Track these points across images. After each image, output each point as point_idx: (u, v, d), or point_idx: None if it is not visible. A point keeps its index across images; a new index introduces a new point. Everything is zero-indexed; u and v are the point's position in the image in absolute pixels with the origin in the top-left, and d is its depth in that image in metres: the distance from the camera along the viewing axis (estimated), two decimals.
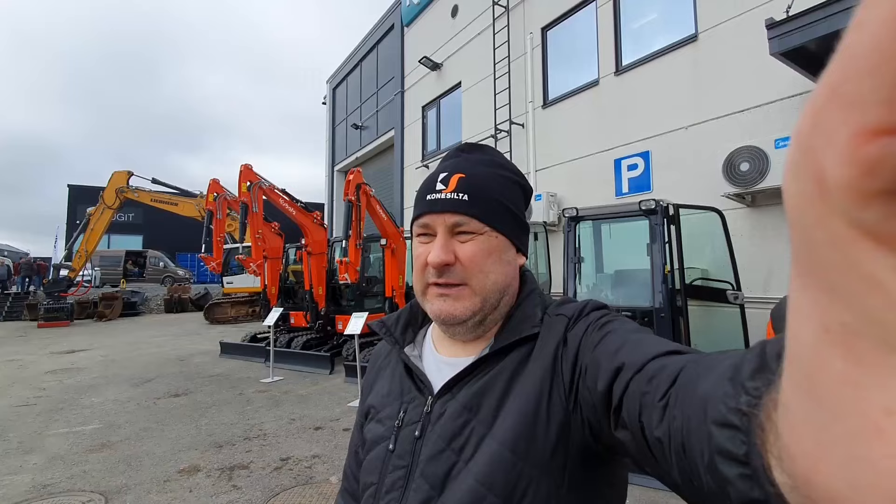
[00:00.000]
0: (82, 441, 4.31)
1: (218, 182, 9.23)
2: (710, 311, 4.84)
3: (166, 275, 22.75)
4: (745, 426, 0.29)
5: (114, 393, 6.07)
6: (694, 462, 0.36)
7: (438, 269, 0.66)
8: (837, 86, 0.11)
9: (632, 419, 0.46)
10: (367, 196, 7.04)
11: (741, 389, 0.30)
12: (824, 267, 0.12)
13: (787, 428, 0.17)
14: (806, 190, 0.12)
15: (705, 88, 6.00)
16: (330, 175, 18.49)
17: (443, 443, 0.63)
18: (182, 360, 8.37)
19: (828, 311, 0.13)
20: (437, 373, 0.71)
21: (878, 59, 0.10)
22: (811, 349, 0.14)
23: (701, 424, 0.34)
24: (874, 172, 0.11)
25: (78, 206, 27.07)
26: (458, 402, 0.65)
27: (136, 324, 14.72)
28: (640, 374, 0.47)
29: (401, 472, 0.66)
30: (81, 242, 14.46)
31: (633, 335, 0.56)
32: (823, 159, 0.12)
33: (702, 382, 0.37)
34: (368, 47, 15.75)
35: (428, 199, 0.69)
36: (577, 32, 8.17)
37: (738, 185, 5.02)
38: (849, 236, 0.11)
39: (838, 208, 0.11)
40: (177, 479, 3.50)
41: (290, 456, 3.90)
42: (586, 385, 0.56)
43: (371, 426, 0.74)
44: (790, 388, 0.16)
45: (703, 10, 6.09)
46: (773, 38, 4.09)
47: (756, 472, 0.27)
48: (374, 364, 0.85)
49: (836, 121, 0.11)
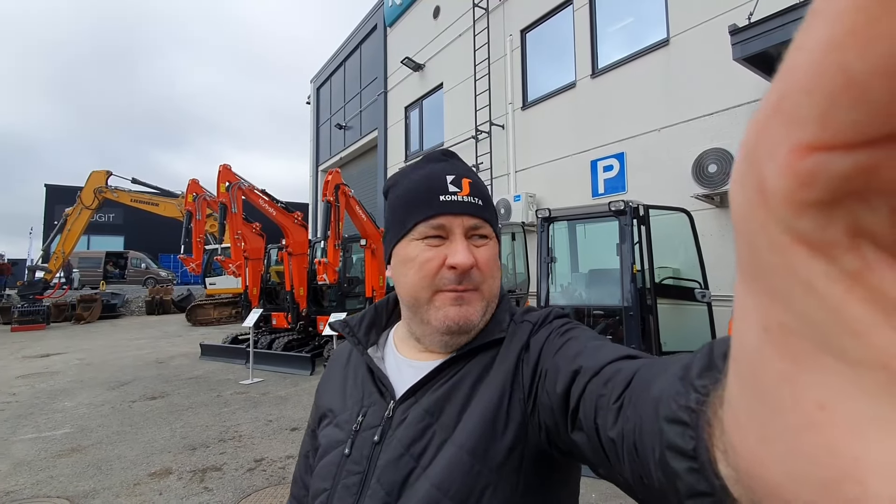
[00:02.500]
0: (51, 446, 4.26)
1: (197, 182, 9.14)
2: (679, 309, 4.97)
3: (148, 276, 22.42)
4: (694, 422, 0.30)
5: (88, 397, 5.99)
6: (646, 460, 0.37)
7: (465, 272, 0.65)
8: (778, 103, 0.12)
9: (587, 421, 0.48)
10: (345, 196, 7.05)
11: (690, 387, 0.31)
12: (765, 271, 0.13)
13: (732, 423, 0.18)
14: (749, 198, 0.13)
15: (676, 91, 6.13)
16: (314, 175, 18.40)
17: (402, 448, 0.62)
18: (161, 363, 8.28)
19: (768, 312, 0.13)
20: (399, 376, 0.70)
21: (814, 79, 0.11)
22: (753, 348, 0.14)
23: (653, 423, 0.35)
24: (809, 185, 0.11)
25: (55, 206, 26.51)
26: (421, 406, 0.64)
27: (116, 326, 14.49)
28: (597, 378, 0.49)
29: (356, 478, 0.64)
30: (58, 243, 14.19)
31: (592, 342, 0.57)
32: (765, 170, 0.12)
33: (655, 384, 0.38)
34: (352, 47, 15.71)
35: (441, 199, 0.66)
36: (555, 35, 8.28)
37: (707, 187, 5.15)
38: (786, 242, 0.12)
39: (777, 216, 0.12)
40: (147, 482, 3.49)
41: (264, 457, 3.91)
42: (545, 389, 0.57)
43: (328, 430, 0.73)
44: (734, 385, 0.17)
45: (675, 15, 6.23)
46: (736, 43, 4.21)
47: (703, 466, 0.29)
48: (333, 366, 0.83)
49: (777, 135, 0.12)
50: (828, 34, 0.11)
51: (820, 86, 0.11)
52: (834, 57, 0.10)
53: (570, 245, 5.66)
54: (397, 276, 0.71)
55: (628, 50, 6.94)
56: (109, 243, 27.65)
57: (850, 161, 0.11)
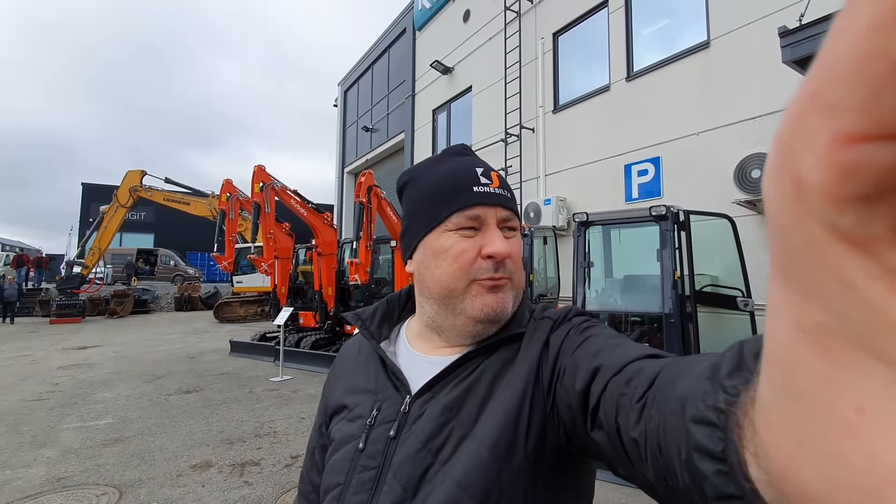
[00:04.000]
0: (95, 435, 4.39)
1: (231, 182, 9.35)
2: (719, 318, 4.84)
3: (177, 273, 23.00)
4: (723, 423, 0.29)
5: (126, 389, 6.16)
6: (670, 461, 0.36)
7: (501, 262, 0.65)
8: (817, 91, 0.12)
9: (608, 420, 0.47)
10: (377, 198, 7.11)
11: (719, 388, 0.30)
12: (801, 268, 0.13)
13: (764, 425, 0.17)
14: (785, 192, 0.13)
15: (717, 95, 5.99)
16: (340, 177, 18.62)
17: (419, 443, 0.61)
18: (192, 358, 8.47)
19: (804, 311, 0.13)
20: (414, 371, 0.69)
21: (856, 66, 0.10)
22: (788, 348, 0.14)
23: (679, 423, 0.34)
24: (849, 178, 0.11)
25: (91, 204, 27.48)
26: (440, 402, 0.63)
27: (147, 321, 14.90)
28: (619, 376, 0.48)
29: (371, 473, 0.63)
30: (95, 240, 14.68)
31: (613, 340, 0.56)
32: (802, 163, 0.12)
33: (680, 383, 0.37)
34: (380, 51, 15.88)
35: (476, 190, 0.66)
36: (588, 38, 8.20)
37: (750, 193, 5.01)
38: (824, 239, 0.12)
39: (815, 211, 0.12)
40: (189, 473, 3.56)
41: (300, 454, 3.95)
42: (563, 386, 0.56)
43: (340, 425, 0.71)
44: (767, 385, 0.17)
45: (716, 17, 6.10)
46: (786, 46, 4.09)
47: (732, 469, 0.28)
48: (342, 361, 0.81)
49: (815, 125, 0.11)
50: (871, 18, 0.10)
51: (863, 72, 0.10)
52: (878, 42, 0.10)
53: (604, 250, 5.58)
54: (427, 269, 0.69)
55: (665, 53, 6.82)
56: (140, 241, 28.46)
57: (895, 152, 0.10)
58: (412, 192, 0.73)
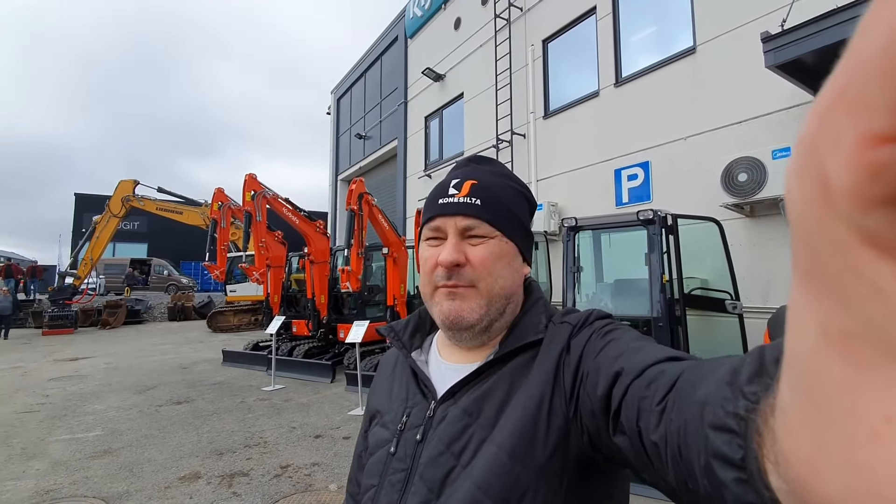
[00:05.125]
0: (85, 447, 4.35)
1: (222, 191, 9.33)
2: (709, 321, 4.86)
3: (170, 283, 22.87)
4: (742, 430, 0.29)
5: (116, 400, 6.11)
6: (690, 465, 0.36)
7: (449, 269, 0.67)
8: (844, 89, 0.11)
9: (630, 424, 0.47)
10: (369, 205, 7.11)
11: (739, 394, 0.30)
12: (826, 272, 0.12)
13: (785, 432, 0.17)
14: (809, 194, 0.12)
15: (704, 100, 6.06)
16: (333, 184, 18.63)
17: (442, 446, 0.64)
18: (185, 368, 8.41)
19: (828, 316, 0.13)
20: (441, 378, 0.72)
21: (886, 63, 0.10)
22: (810, 354, 0.14)
23: (698, 428, 0.34)
24: (878, 178, 0.10)
25: (84, 214, 27.33)
26: (460, 406, 0.66)
27: (140, 332, 14.78)
28: (639, 380, 0.48)
29: (400, 475, 0.67)
30: (87, 250, 14.59)
31: (634, 343, 0.56)
32: (828, 163, 0.11)
33: (700, 387, 0.37)
34: (372, 58, 15.96)
35: (440, 202, 0.70)
36: (577, 44, 8.28)
37: (737, 196, 5.06)
38: (851, 242, 0.11)
39: (841, 213, 0.11)
40: (177, 485, 3.53)
41: (289, 464, 3.92)
42: (586, 391, 0.57)
43: (376, 430, 0.76)
44: (788, 392, 0.16)
45: (701, 24, 6.18)
46: (769, 51, 4.15)
47: (752, 477, 0.27)
48: (382, 371, 0.86)
49: (842, 125, 0.11)
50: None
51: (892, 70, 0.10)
52: None
53: (594, 254, 5.60)
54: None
55: (653, 59, 6.90)
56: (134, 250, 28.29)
57: None
58: None
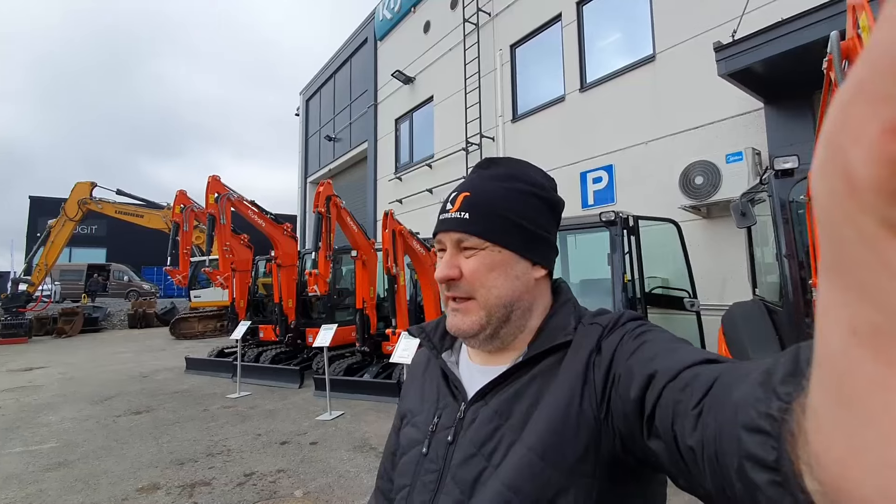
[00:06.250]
0: (38, 460, 4.13)
1: (185, 193, 9.05)
2: (668, 319, 5.03)
3: (131, 289, 21.98)
4: (776, 432, 0.28)
5: (72, 411, 5.83)
6: (727, 469, 0.35)
7: (446, 283, 0.70)
8: (865, 82, 0.11)
9: (665, 428, 0.46)
10: (337, 208, 7.03)
11: (773, 394, 0.30)
12: (853, 266, 0.12)
13: (817, 433, 0.16)
14: (834, 188, 0.12)
15: (663, 106, 6.28)
16: (302, 187, 18.36)
17: (473, 448, 0.64)
18: (145, 377, 8.10)
19: (857, 311, 0.12)
20: (471, 380, 0.73)
21: None
22: (840, 351, 0.13)
23: (732, 430, 0.34)
24: None
25: (39, 219, 26.02)
26: (490, 408, 0.66)
27: (98, 340, 14.14)
28: (674, 383, 0.47)
29: (433, 476, 0.67)
30: (41, 256, 13.89)
31: (669, 344, 0.55)
32: (852, 157, 0.11)
33: (736, 390, 0.36)
34: (342, 60, 15.82)
35: (441, 218, 0.72)
36: (544, 50, 8.45)
37: (694, 198, 5.26)
38: (878, 234, 0.11)
39: (867, 206, 0.11)
40: (135, 497, 3.40)
41: (254, 471, 3.84)
42: (619, 393, 0.55)
43: (407, 430, 0.77)
44: (819, 391, 0.16)
45: (660, 32, 6.41)
46: (721, 59, 4.35)
47: (786, 479, 0.26)
48: (413, 372, 0.88)
49: (864, 117, 0.11)
50: None
51: None
52: None
53: (560, 255, 5.72)
54: None
55: (615, 65, 7.10)
56: (92, 255, 27.11)
57: None
58: None
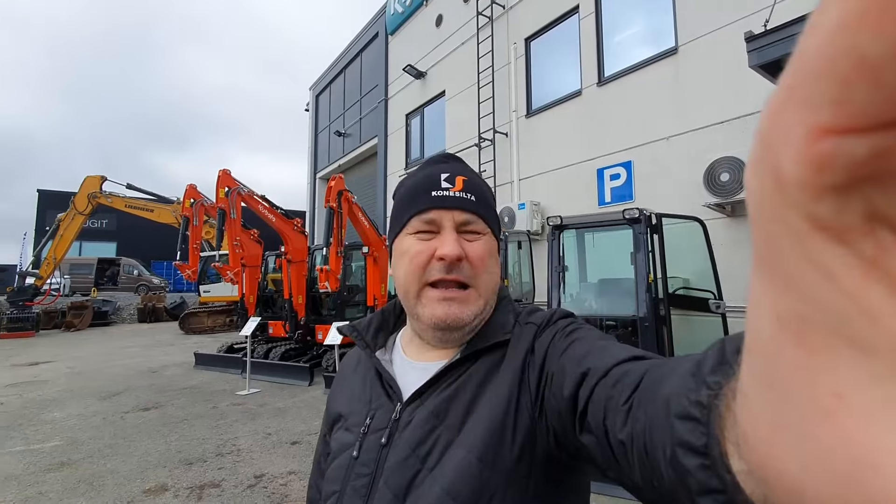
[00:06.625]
0: (40, 459, 4.05)
1: (195, 187, 8.99)
2: (692, 321, 4.86)
3: (140, 283, 22.08)
4: (705, 418, 0.29)
5: (78, 407, 5.77)
6: (656, 461, 0.36)
7: (452, 263, 0.65)
8: (793, 86, 0.12)
9: (596, 423, 0.47)
10: (348, 203, 6.92)
11: (703, 384, 0.31)
12: (780, 258, 0.13)
13: (745, 414, 0.17)
14: (765, 185, 0.13)
15: (686, 100, 6.08)
16: (312, 182, 18.28)
17: (408, 450, 0.62)
18: (154, 372, 8.05)
19: (782, 300, 0.13)
20: (406, 378, 0.70)
21: (827, 62, 0.11)
22: (767, 337, 0.14)
23: (664, 421, 0.34)
24: (825, 168, 0.11)
25: (48, 212, 26.19)
26: (427, 408, 0.64)
27: (107, 334, 14.18)
28: (605, 379, 0.48)
29: (364, 480, 0.64)
30: (50, 249, 13.93)
31: (598, 342, 0.56)
32: (780, 155, 0.12)
33: (665, 384, 0.37)
34: (352, 55, 15.70)
35: (434, 194, 0.68)
36: (560, 43, 8.26)
37: (719, 195, 5.07)
38: (803, 229, 0.12)
39: (794, 202, 0.12)
40: (142, 499, 3.30)
41: (264, 472, 3.73)
42: (552, 391, 0.56)
43: (338, 434, 0.72)
44: (748, 375, 0.16)
45: (683, 24, 6.21)
46: (752, 51, 4.15)
47: (714, 462, 0.28)
48: (343, 372, 0.83)
49: (792, 120, 0.12)
50: (840, 16, 0.10)
51: (833, 68, 0.11)
52: (846, 39, 0.10)
53: (578, 254, 5.55)
54: (394, 271, 0.72)
55: (635, 59, 6.90)
56: (102, 249, 27.26)
57: (866, 144, 0.11)
58: (394, 199, 0.76)
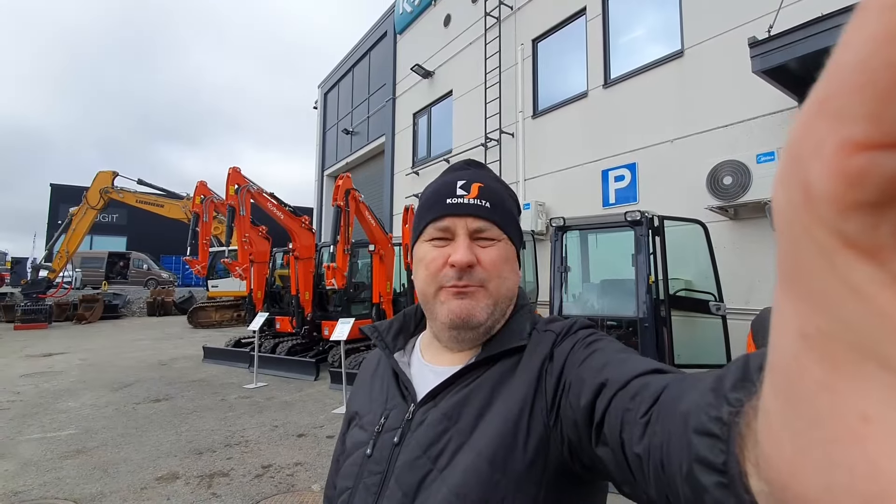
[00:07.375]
0: (57, 447, 4.20)
1: (205, 184, 9.14)
2: (693, 322, 4.91)
3: (150, 277, 22.37)
4: (725, 435, 0.29)
5: (91, 398, 5.93)
6: (672, 477, 0.36)
7: (462, 270, 0.66)
8: (826, 99, 0.12)
9: (613, 436, 0.46)
10: (356, 202, 7.02)
11: (723, 400, 0.30)
12: (807, 274, 0.13)
13: (766, 434, 0.17)
14: (793, 199, 0.13)
15: (690, 103, 6.12)
16: (319, 180, 18.43)
17: (419, 450, 0.63)
18: (164, 365, 8.21)
19: (808, 317, 0.13)
20: (422, 380, 0.71)
21: (864, 76, 0.11)
22: (791, 355, 0.14)
23: (682, 436, 0.34)
24: (857, 184, 0.11)
25: (60, 206, 26.58)
26: (440, 410, 0.65)
27: (117, 327, 14.42)
28: (624, 391, 0.48)
29: (376, 478, 0.65)
30: (62, 243, 14.17)
31: (619, 354, 0.56)
32: (810, 169, 0.12)
33: (684, 399, 0.37)
34: (361, 53, 15.80)
35: (448, 202, 0.69)
36: (567, 45, 8.30)
37: (722, 199, 5.12)
38: (832, 245, 0.12)
39: (823, 218, 0.12)
40: (154, 486, 3.43)
41: (271, 463, 3.85)
42: (569, 401, 0.56)
43: (353, 432, 0.74)
44: (771, 394, 0.16)
45: (689, 27, 6.24)
46: (756, 56, 4.20)
47: (732, 481, 0.27)
48: (363, 372, 0.85)
49: (824, 133, 0.12)
50: (878, 29, 0.10)
51: (870, 82, 0.10)
52: (885, 53, 0.10)
53: (581, 255, 5.62)
54: (414, 277, 0.74)
55: (641, 61, 6.94)
56: (112, 244, 27.62)
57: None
58: (417, 207, 0.78)
